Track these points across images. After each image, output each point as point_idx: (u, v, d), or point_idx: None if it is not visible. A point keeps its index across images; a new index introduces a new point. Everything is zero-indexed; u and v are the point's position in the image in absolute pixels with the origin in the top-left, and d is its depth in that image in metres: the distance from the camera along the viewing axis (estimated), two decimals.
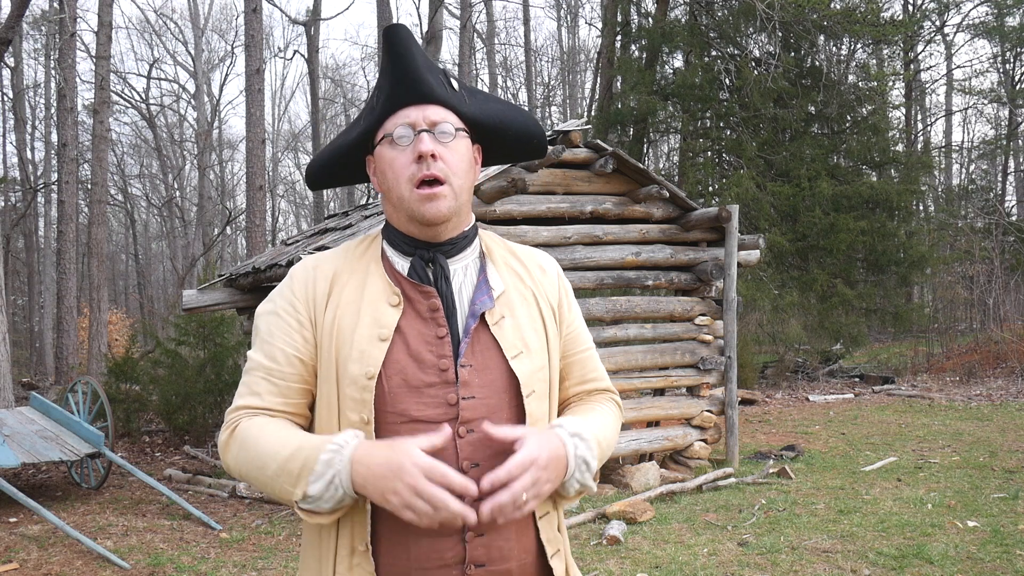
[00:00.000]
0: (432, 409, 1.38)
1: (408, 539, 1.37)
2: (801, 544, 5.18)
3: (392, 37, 1.43)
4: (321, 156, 1.56)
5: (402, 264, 1.47)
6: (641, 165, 7.13)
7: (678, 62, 17.46)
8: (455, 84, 1.48)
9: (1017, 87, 24.79)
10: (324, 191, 29.47)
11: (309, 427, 1.49)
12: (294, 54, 31.31)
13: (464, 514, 1.26)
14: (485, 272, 1.50)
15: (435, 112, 1.43)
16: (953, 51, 27.34)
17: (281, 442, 1.35)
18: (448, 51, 30.43)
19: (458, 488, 1.26)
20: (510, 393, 1.43)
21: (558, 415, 1.56)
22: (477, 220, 1.61)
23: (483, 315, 1.45)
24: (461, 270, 1.49)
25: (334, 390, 1.41)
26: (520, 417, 1.43)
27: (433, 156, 1.39)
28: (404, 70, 1.42)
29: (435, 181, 1.40)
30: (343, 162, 1.53)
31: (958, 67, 27.66)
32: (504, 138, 1.54)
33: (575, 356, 1.58)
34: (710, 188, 15.46)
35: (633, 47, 17.35)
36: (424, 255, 1.46)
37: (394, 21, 21.87)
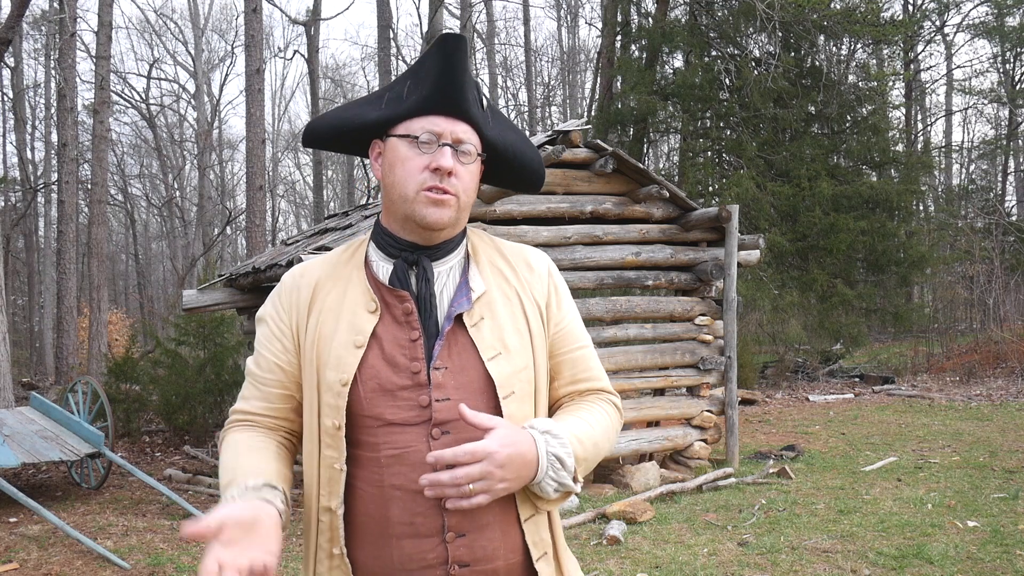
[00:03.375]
0: (406, 412, 1.39)
1: (390, 541, 1.38)
2: (801, 544, 5.18)
3: (448, 46, 1.42)
4: (328, 121, 1.53)
5: (385, 267, 1.48)
6: (641, 165, 7.13)
7: (678, 62, 17.47)
8: (484, 102, 1.48)
9: (1017, 87, 24.79)
10: (323, 191, 29.49)
11: (298, 432, 1.53)
12: (294, 54, 31.28)
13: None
14: (467, 274, 1.49)
15: (463, 130, 1.43)
16: (953, 51, 27.35)
17: (228, 468, 1.42)
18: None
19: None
20: (487, 395, 1.42)
21: (549, 416, 1.53)
22: (477, 220, 1.61)
23: (461, 317, 1.44)
24: (445, 272, 1.48)
25: (315, 396, 1.43)
26: None
27: (450, 173, 1.40)
28: (450, 81, 1.41)
29: (444, 192, 1.41)
30: (350, 135, 1.52)
31: (958, 67, 27.69)
32: (511, 169, 1.55)
33: (565, 355, 1.55)
34: (710, 188, 15.47)
35: (633, 47, 17.36)
36: (408, 258, 1.46)
37: (394, 20, 21.85)
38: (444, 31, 1.44)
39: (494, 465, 1.29)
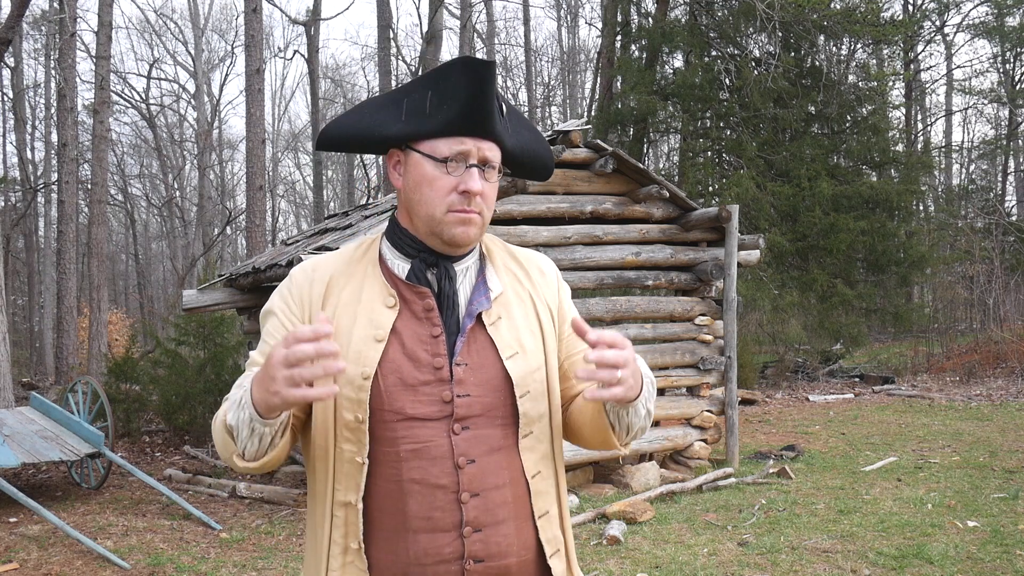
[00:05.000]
0: (427, 407, 1.40)
1: (406, 535, 1.39)
2: (801, 544, 5.18)
3: (476, 72, 1.39)
4: (345, 130, 1.52)
5: (402, 266, 1.49)
6: (641, 165, 7.13)
7: (678, 62, 17.46)
8: (504, 109, 1.48)
9: (1017, 87, 24.79)
10: (323, 191, 29.49)
11: (305, 425, 1.48)
12: (294, 54, 31.25)
13: (319, 349, 1.19)
14: (484, 274, 1.52)
15: (489, 148, 1.44)
16: (953, 51, 27.34)
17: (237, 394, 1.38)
18: (448, 51, 30.37)
19: (309, 335, 1.20)
20: (505, 392, 1.44)
21: (563, 413, 1.57)
22: None
23: (480, 315, 1.47)
24: (462, 272, 1.51)
25: None
26: (515, 416, 1.45)
27: (479, 194, 1.42)
28: (481, 107, 1.40)
29: (471, 212, 1.44)
30: (367, 142, 1.51)
31: (958, 67, 27.68)
32: (524, 166, 1.58)
33: (577, 356, 1.59)
34: (710, 188, 15.46)
35: (633, 47, 17.35)
36: (428, 259, 1.48)
37: (394, 20, 21.85)
38: (468, 55, 1.45)
39: (631, 357, 1.32)
